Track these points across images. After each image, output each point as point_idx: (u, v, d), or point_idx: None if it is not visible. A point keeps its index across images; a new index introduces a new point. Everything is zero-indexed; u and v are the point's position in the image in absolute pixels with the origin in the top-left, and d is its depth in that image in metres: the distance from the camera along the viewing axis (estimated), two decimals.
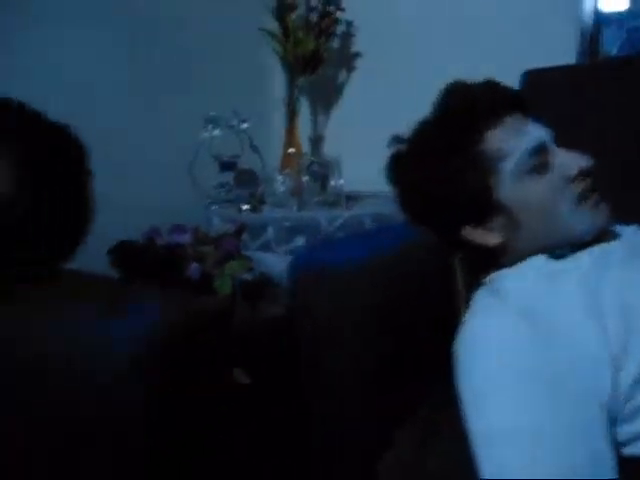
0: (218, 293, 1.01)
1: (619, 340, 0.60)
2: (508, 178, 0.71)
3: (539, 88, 1.18)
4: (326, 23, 1.68)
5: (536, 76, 1.21)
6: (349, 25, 1.82)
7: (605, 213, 0.72)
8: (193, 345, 0.57)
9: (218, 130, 1.58)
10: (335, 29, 1.72)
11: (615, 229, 0.75)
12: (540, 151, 0.71)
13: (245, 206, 1.49)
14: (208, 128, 1.58)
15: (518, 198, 0.71)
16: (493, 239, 0.73)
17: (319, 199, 1.44)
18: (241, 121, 1.60)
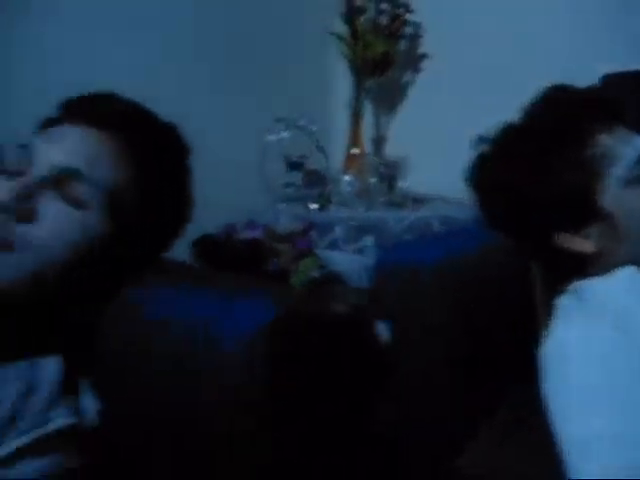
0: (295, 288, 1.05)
1: None
2: (615, 184, 0.70)
3: (616, 91, 1.16)
4: (396, 26, 1.69)
5: (614, 79, 1.19)
6: (417, 27, 1.83)
7: None
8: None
9: (287, 131, 1.62)
10: (404, 31, 1.73)
11: None
12: None
13: (313, 205, 1.53)
14: (277, 129, 1.62)
15: (623, 206, 0.70)
16: (589, 247, 0.71)
17: (385, 200, 1.45)
18: (309, 122, 1.64)
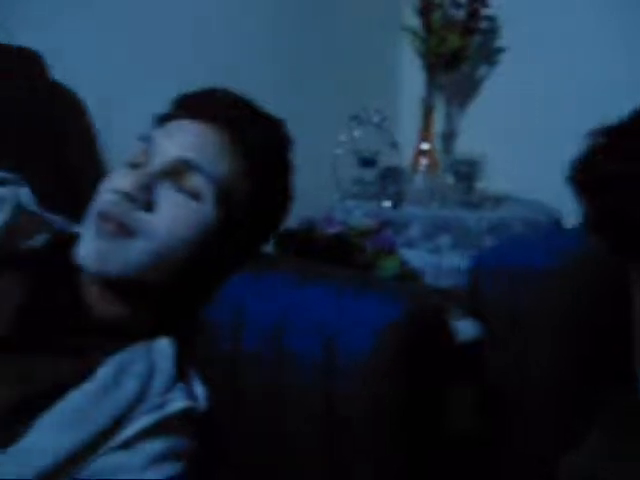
0: None
1: None
2: None
3: None
4: (472, 21, 1.65)
5: None
6: (492, 20, 1.78)
7: None
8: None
9: (360, 127, 1.61)
10: (480, 26, 1.70)
11: None
12: None
13: (386, 202, 1.51)
14: (351, 125, 1.61)
15: None
16: None
17: (462, 198, 1.43)
18: (383, 119, 1.62)
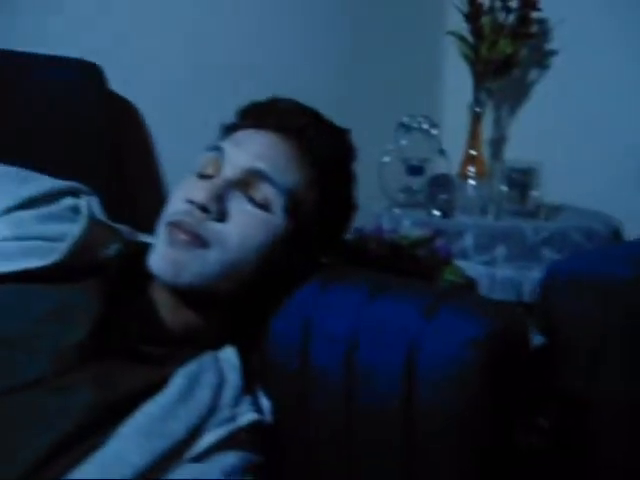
0: None
1: None
2: None
3: None
4: (524, 26, 1.61)
5: None
6: (543, 23, 1.74)
7: None
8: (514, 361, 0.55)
9: (408, 134, 1.58)
10: (532, 30, 1.65)
11: None
12: None
13: (435, 211, 1.48)
14: (399, 132, 1.58)
15: None
16: None
17: (516, 208, 1.38)
18: (432, 125, 1.59)
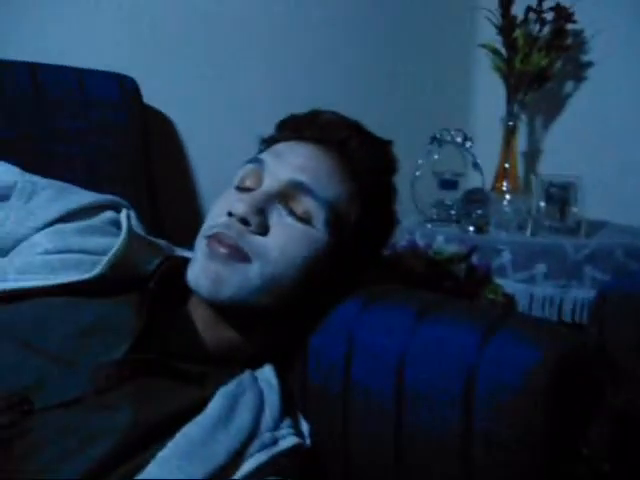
0: None
1: None
2: None
3: None
4: (559, 38, 1.58)
5: None
6: (579, 35, 1.71)
7: None
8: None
9: (441, 148, 1.56)
10: (567, 43, 1.62)
11: None
12: None
13: (471, 227, 1.45)
14: (432, 146, 1.56)
15: None
16: None
17: (555, 224, 1.35)
18: (465, 138, 1.56)
